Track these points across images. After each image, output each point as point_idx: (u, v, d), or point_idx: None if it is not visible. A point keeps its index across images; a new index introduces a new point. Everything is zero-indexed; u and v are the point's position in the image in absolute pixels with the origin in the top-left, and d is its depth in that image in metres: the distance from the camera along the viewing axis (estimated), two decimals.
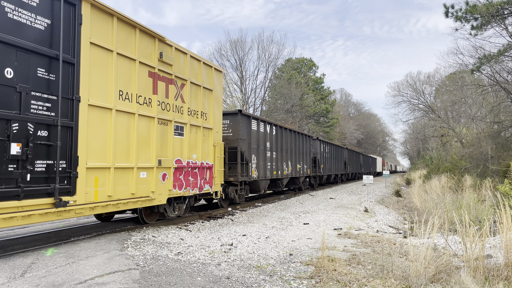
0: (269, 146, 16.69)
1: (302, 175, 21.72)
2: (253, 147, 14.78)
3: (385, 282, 5.25)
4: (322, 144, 27.64)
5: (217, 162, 11.68)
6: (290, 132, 19.92)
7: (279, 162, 17.76)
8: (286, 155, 18.90)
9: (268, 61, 41.72)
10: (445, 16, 15.65)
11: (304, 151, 22.18)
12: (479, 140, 21.50)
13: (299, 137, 21.59)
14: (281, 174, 18.13)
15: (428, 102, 44.39)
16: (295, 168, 20.22)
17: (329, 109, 51.17)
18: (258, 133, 15.43)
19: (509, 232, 5.31)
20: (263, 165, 15.75)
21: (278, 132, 17.95)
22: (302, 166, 21.71)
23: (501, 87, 18.53)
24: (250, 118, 14.82)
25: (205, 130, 11.12)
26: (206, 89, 11.20)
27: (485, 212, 9.62)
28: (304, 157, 22.13)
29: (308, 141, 23.43)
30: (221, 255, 6.86)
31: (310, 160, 23.72)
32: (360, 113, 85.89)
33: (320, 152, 26.65)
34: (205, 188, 11.01)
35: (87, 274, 5.32)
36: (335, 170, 31.84)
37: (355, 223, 11.73)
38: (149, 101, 8.79)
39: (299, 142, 21.40)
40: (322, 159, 27.25)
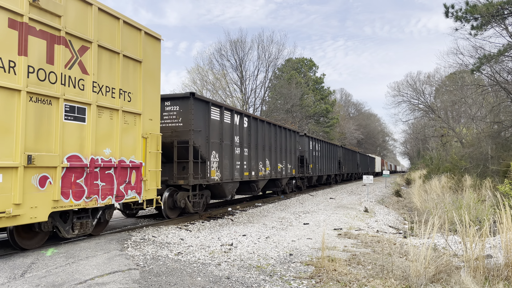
0: (239, 141, 13.67)
1: (285, 176, 18.78)
2: (214, 142, 11.97)
3: (385, 282, 5.25)
4: (312, 141, 24.78)
5: (150, 160, 8.86)
6: (269, 126, 16.91)
7: (252, 161, 14.75)
8: (263, 152, 15.91)
9: (268, 61, 41.73)
10: (445, 16, 15.65)
11: (288, 148, 19.32)
12: (479, 140, 21.50)
13: (282, 132, 18.57)
14: (256, 175, 15.08)
15: (428, 102, 44.39)
16: (275, 168, 17.32)
17: (329, 109, 51.17)
18: (222, 124, 12.50)
19: (509, 232, 5.31)
20: (229, 164, 12.90)
21: (251, 125, 14.89)
22: (285, 165, 18.89)
23: (501, 87, 18.53)
24: (209, 104, 11.79)
25: (129, 116, 8.29)
26: (130, 59, 8.33)
27: (485, 212, 9.62)
28: (288, 155, 19.26)
29: (293, 137, 20.45)
30: (221, 255, 6.86)
31: (296, 159, 20.82)
32: (360, 113, 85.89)
33: (309, 150, 23.90)
34: (129, 195, 8.25)
35: (87, 274, 5.32)
36: (327, 170, 28.94)
37: (355, 223, 11.73)
38: (10, 65, 6.00)
39: (282, 138, 18.48)
40: (311, 158, 24.43)
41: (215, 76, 40.13)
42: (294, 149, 20.53)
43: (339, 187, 31.12)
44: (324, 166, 27.97)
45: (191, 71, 43.29)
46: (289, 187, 20.73)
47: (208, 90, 39.62)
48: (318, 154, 26.28)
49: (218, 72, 40.44)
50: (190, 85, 39.60)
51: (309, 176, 24.02)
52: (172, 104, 11.18)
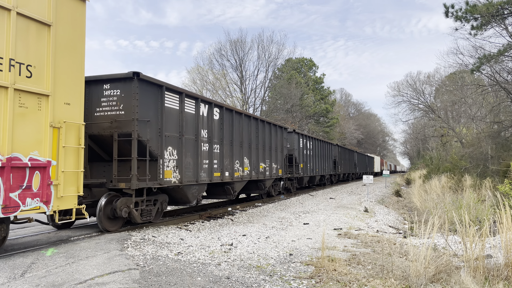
0: (207, 136, 11.50)
1: (269, 177, 16.51)
2: (170, 135, 9.70)
3: (385, 282, 5.25)
4: (302, 139, 22.61)
5: (65, 157, 6.88)
6: (248, 119, 14.42)
7: (226, 159, 12.65)
8: (240, 150, 13.69)
9: (268, 61, 41.76)
10: (445, 16, 15.66)
11: (273, 146, 17.06)
12: (479, 140, 21.51)
13: (265, 128, 16.14)
14: (231, 176, 12.92)
15: (428, 102, 44.39)
16: (256, 168, 15.11)
17: (329, 109, 51.19)
18: (182, 115, 10.20)
19: (509, 232, 5.31)
20: (192, 163, 10.69)
21: (225, 117, 12.58)
22: (270, 165, 16.68)
23: (501, 87, 18.53)
24: (162, 89, 9.46)
25: (29, 97, 6.28)
26: (31, 21, 6.36)
27: (485, 212, 9.62)
28: (273, 154, 17.03)
29: (280, 134, 18.07)
30: (221, 255, 6.86)
31: (284, 158, 18.67)
32: (360, 113, 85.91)
33: (299, 148, 21.83)
34: (28, 205, 6.21)
35: (87, 274, 5.32)
36: (321, 170, 26.89)
37: (355, 223, 11.73)
38: None
39: (265, 134, 16.15)
40: (302, 157, 22.32)
41: (215, 76, 40.16)
42: (281, 147, 18.24)
43: (339, 187, 31.11)
44: (317, 166, 25.93)
45: (191, 71, 43.30)
46: (275, 189, 18.60)
47: (208, 90, 39.66)
48: (310, 153, 24.22)
49: (218, 72, 40.50)
50: (190, 85, 39.64)
51: (299, 176, 21.72)
52: (112, 87, 8.86)
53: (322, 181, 28.72)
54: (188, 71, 63.04)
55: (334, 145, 32.35)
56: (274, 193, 18.54)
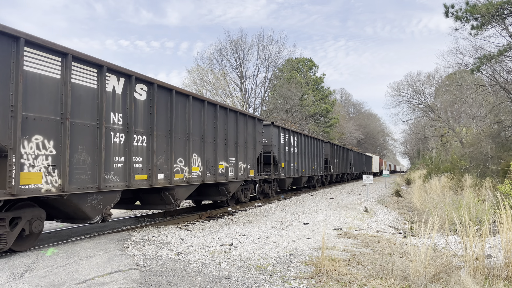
0: (122, 122, 8.30)
1: (233, 180, 12.98)
2: (35, 118, 6.43)
3: (385, 282, 5.25)
4: (284, 134, 18.92)
5: None
6: (201, 105, 11.28)
7: (160, 156, 9.38)
8: (186, 144, 10.47)
9: (268, 61, 41.74)
10: (445, 16, 15.65)
11: (241, 140, 13.65)
12: (479, 140, 21.50)
13: (228, 117, 12.73)
14: (168, 179, 9.71)
15: (428, 102, 44.39)
16: (213, 168, 11.83)
17: (329, 109, 51.20)
18: (67, 87, 6.92)
19: (509, 232, 5.31)
20: (90, 161, 7.46)
21: (157, 98, 9.31)
22: (236, 165, 13.19)
23: (501, 87, 18.53)
24: (19, 43, 6.13)
25: None
26: None
27: (485, 212, 9.62)
28: (241, 150, 13.60)
29: (251, 126, 14.59)
30: (221, 255, 6.86)
31: (258, 157, 15.44)
32: (360, 113, 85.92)
33: (279, 144, 18.09)
34: None
35: (87, 274, 5.32)
36: (309, 170, 23.40)
37: (355, 223, 11.73)
38: None
39: (229, 126, 12.76)
40: (283, 155, 18.74)
41: (215, 76, 40.16)
42: (254, 142, 14.86)
43: (338, 187, 31.11)
44: (304, 166, 22.54)
45: (191, 71, 43.30)
46: (246, 194, 15.20)
47: (208, 90, 39.67)
48: (295, 151, 20.87)
49: (218, 72, 40.48)
50: (190, 85, 39.64)
51: (279, 178, 18.32)
52: None
53: (310, 182, 25.47)
54: (188, 71, 63.10)
55: (325, 142, 29.10)
56: (245, 199, 14.97)
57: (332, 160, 30.53)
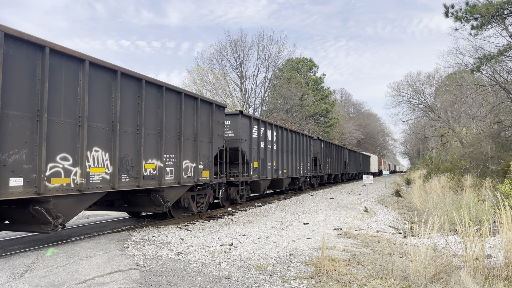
0: None
1: (173, 184, 9.88)
2: None
3: (385, 282, 5.25)
4: (259, 127, 15.84)
5: None
6: (109, 75, 7.94)
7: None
8: (73, 131, 7.12)
9: (268, 61, 41.77)
10: (445, 16, 15.65)
11: (189, 133, 10.65)
12: (479, 140, 21.50)
13: (168, 99, 9.74)
14: (35, 188, 6.32)
15: (428, 102, 44.38)
16: (137, 170, 8.63)
17: (329, 109, 51.19)
18: None
19: (509, 232, 5.31)
20: None
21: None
22: (178, 165, 10.11)
23: (501, 87, 18.53)
24: None
25: None
26: None
27: (485, 212, 9.62)
28: (188, 145, 10.56)
29: (206, 114, 11.52)
30: (221, 255, 6.86)
31: (216, 154, 12.12)
32: (360, 113, 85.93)
33: (251, 139, 15.02)
34: None
35: (87, 274, 5.32)
36: (292, 171, 20.04)
37: (355, 223, 11.73)
38: None
39: (168, 112, 9.74)
40: (258, 152, 15.54)
41: (215, 76, 40.17)
42: (210, 135, 11.66)
43: (339, 187, 31.11)
44: (286, 165, 19.15)
45: (191, 71, 43.29)
46: (200, 202, 11.62)
47: (208, 90, 39.66)
48: (273, 147, 17.56)
49: (218, 72, 40.49)
50: (190, 85, 39.64)
51: (251, 180, 15.10)
52: None
53: (294, 184, 21.69)
54: (188, 71, 63.09)
55: (314, 139, 25.99)
56: (198, 208, 11.46)
57: (322, 159, 27.33)
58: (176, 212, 11.09)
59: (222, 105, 12.55)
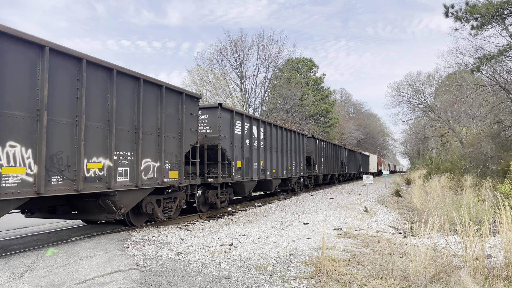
0: None
1: (114, 189, 8.07)
2: None
3: (385, 282, 5.25)
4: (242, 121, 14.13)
5: None
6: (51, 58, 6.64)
7: None
8: None
9: (268, 61, 41.77)
10: (445, 16, 15.65)
11: (149, 126, 9.21)
12: (479, 140, 21.51)
13: (122, 86, 8.34)
14: None
15: (428, 102, 44.40)
16: (75, 172, 7.10)
17: (329, 109, 51.20)
18: None
19: (509, 232, 5.31)
20: None
21: None
22: (136, 165, 8.64)
23: (501, 87, 18.53)
24: None
25: None
26: None
27: (485, 212, 9.62)
28: (150, 142, 9.20)
29: (175, 104, 10.07)
30: (221, 255, 6.86)
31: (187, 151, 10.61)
32: (360, 113, 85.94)
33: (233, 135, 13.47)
34: None
35: (87, 274, 5.32)
36: (283, 171, 18.36)
37: (355, 223, 11.73)
38: None
39: (120, 100, 8.28)
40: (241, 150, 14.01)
41: (215, 76, 40.18)
42: (180, 129, 10.22)
43: (339, 187, 31.11)
44: (275, 165, 17.49)
45: (191, 71, 43.31)
46: (168, 207, 10.17)
47: (208, 90, 39.68)
48: (260, 145, 15.80)
49: (218, 72, 40.51)
50: (190, 85, 39.64)
51: (232, 182, 13.53)
52: None
53: (286, 186, 20.06)
54: (188, 71, 63.12)
55: (308, 137, 24.38)
56: (165, 215, 10.05)
57: (317, 159, 25.64)
58: (138, 219, 9.48)
59: (195, 95, 10.92)
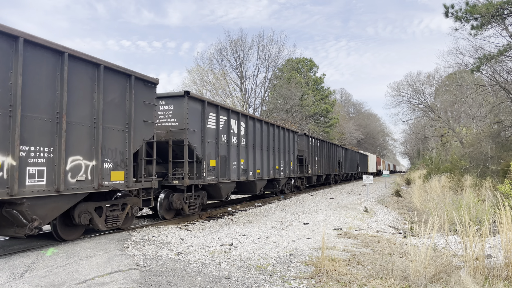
0: None
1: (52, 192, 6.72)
2: None
3: (385, 282, 5.25)
4: (203, 109, 11.56)
5: None
6: None
7: None
8: None
9: (268, 61, 41.77)
10: (445, 16, 15.65)
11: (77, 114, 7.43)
12: (479, 140, 21.51)
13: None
14: None
15: (428, 102, 44.40)
16: None
17: (329, 109, 51.20)
18: None
19: (509, 232, 5.31)
20: None
21: None
22: (57, 162, 6.86)
23: (501, 87, 18.53)
24: None
25: None
26: None
27: (485, 212, 9.62)
28: (79, 131, 7.40)
29: (118, 89, 8.30)
30: (221, 255, 6.86)
31: (126, 149, 8.50)
32: (360, 113, 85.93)
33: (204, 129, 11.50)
34: None
35: (87, 274, 5.32)
36: (269, 171, 16.51)
37: (355, 223, 11.73)
38: None
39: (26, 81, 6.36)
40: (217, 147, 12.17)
41: (215, 76, 40.19)
42: (127, 121, 8.48)
43: (338, 187, 31.10)
44: (260, 164, 15.71)
45: (191, 71, 43.32)
46: (112, 217, 8.43)
47: (208, 90, 39.68)
48: (241, 142, 14.00)
49: (218, 72, 40.51)
50: (190, 85, 39.65)
51: (204, 184, 11.59)
52: None
53: (274, 187, 18.43)
54: (189, 71, 63.09)
55: (300, 134, 22.88)
56: (109, 225, 8.31)
57: (310, 158, 23.89)
58: (70, 232, 7.77)
59: (150, 79, 9.03)
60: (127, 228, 8.94)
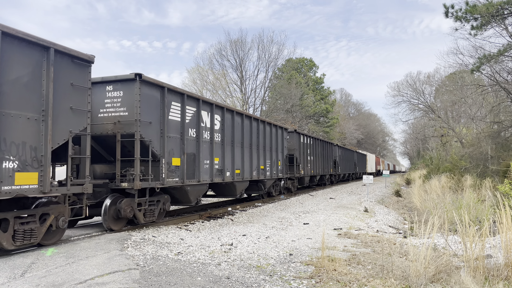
0: None
1: None
2: None
3: (385, 282, 5.25)
4: (162, 96, 9.62)
5: None
6: None
7: None
8: None
9: (268, 61, 41.78)
10: (445, 16, 15.65)
11: None
12: (479, 140, 21.50)
13: None
14: None
15: (428, 102, 44.40)
16: None
17: (329, 109, 51.20)
18: None
19: (509, 232, 5.31)
20: None
21: None
22: None
23: (501, 87, 18.53)
24: None
25: None
26: None
27: (485, 212, 9.62)
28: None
29: None
30: (221, 255, 6.86)
31: (43, 145, 6.58)
32: (360, 113, 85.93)
33: (165, 122, 9.69)
34: None
35: (87, 274, 5.32)
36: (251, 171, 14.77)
37: (355, 223, 11.73)
38: None
39: None
40: (182, 143, 10.40)
41: (215, 76, 40.19)
42: (42, 108, 6.54)
43: (338, 187, 31.11)
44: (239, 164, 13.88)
45: (191, 71, 43.30)
46: (22, 232, 6.51)
47: (208, 90, 39.67)
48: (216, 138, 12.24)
49: (218, 72, 40.51)
50: (190, 85, 39.65)
51: (161, 186, 9.74)
52: None
53: (259, 189, 16.63)
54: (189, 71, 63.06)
55: (289, 131, 20.91)
56: (14, 245, 6.41)
57: (302, 157, 22.06)
58: None
59: (80, 56, 7.30)
60: (49, 244, 7.05)
